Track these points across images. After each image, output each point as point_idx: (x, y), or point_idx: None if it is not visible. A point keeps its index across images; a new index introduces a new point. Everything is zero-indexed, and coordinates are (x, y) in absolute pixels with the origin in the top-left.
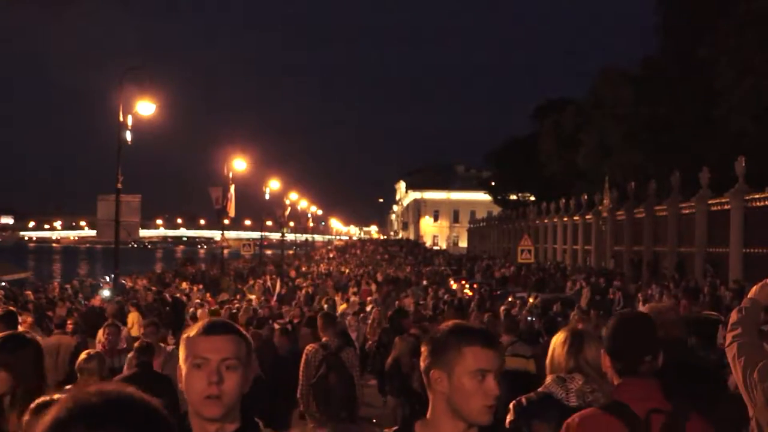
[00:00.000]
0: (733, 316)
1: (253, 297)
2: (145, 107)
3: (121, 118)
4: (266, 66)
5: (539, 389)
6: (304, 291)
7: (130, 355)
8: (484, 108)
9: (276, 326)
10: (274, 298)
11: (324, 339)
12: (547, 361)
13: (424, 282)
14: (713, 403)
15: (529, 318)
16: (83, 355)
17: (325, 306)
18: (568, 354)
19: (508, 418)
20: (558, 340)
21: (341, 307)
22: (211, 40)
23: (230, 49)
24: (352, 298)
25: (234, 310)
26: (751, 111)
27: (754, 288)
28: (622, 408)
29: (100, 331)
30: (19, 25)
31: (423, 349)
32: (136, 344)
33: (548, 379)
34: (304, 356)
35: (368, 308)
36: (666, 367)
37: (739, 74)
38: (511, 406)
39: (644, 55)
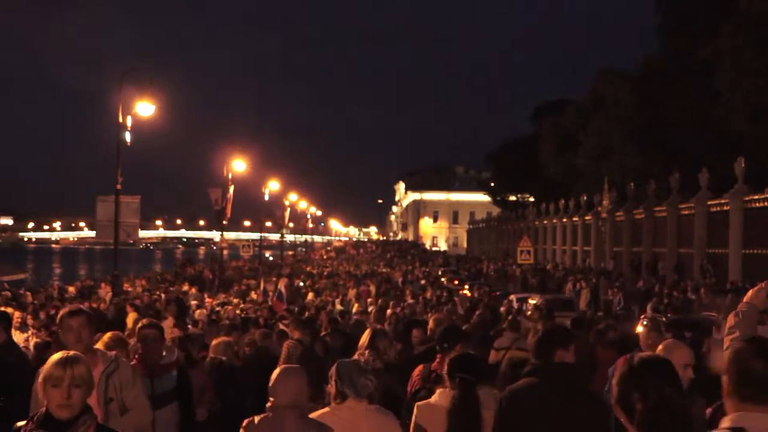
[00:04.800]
0: (731, 320)
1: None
2: (145, 108)
3: (121, 119)
4: (266, 66)
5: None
6: (305, 292)
7: None
8: (484, 109)
9: (281, 326)
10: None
11: (297, 336)
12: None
13: (423, 281)
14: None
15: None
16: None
17: (340, 306)
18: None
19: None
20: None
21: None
22: (211, 40)
23: (230, 49)
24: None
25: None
26: (751, 112)
27: (750, 292)
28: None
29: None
30: (19, 25)
31: None
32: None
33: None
34: (284, 350)
35: (369, 309)
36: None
37: (738, 75)
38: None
39: (644, 55)
